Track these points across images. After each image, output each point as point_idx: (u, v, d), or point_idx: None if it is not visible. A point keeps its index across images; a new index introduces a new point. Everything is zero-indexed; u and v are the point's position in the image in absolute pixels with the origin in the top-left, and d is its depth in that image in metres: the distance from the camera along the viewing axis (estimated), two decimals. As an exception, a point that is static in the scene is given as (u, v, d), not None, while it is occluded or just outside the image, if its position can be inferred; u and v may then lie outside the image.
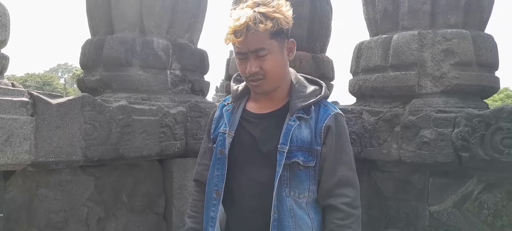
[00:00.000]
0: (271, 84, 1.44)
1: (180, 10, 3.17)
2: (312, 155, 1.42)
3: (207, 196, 1.54)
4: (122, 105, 2.40)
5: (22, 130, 1.91)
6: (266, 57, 1.37)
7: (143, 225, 2.73)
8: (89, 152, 2.21)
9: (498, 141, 2.12)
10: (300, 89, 1.49)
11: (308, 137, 1.42)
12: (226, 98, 1.65)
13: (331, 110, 1.48)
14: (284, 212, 1.39)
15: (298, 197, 1.42)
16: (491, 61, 2.63)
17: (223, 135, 1.50)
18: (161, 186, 2.87)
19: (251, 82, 1.43)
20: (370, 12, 3.01)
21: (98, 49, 3.00)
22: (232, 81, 1.66)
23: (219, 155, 1.50)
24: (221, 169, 1.49)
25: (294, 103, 1.45)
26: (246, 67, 1.39)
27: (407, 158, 2.45)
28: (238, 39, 1.33)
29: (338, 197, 1.41)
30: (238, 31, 1.32)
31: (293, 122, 1.42)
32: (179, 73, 3.18)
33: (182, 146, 2.81)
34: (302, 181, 1.43)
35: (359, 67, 2.95)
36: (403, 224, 2.57)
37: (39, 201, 2.16)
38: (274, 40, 1.37)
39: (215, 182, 1.50)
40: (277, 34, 1.37)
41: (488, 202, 2.26)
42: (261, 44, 1.35)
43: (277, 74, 1.43)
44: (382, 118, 2.57)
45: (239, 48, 1.37)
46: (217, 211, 1.47)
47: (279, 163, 1.39)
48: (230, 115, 1.53)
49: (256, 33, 1.32)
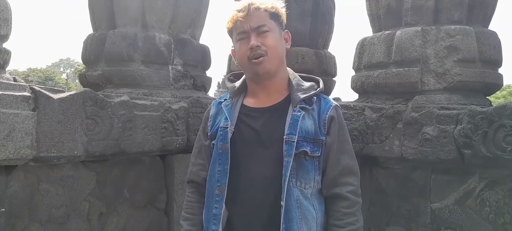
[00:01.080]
0: (273, 63, 1.46)
1: (182, 5, 3.16)
2: (317, 145, 1.44)
3: (208, 194, 1.52)
4: (124, 100, 2.39)
5: (24, 124, 1.91)
6: (267, 35, 1.43)
7: (145, 220, 2.73)
8: (91, 147, 2.21)
9: (500, 138, 2.11)
10: (299, 83, 1.52)
11: (312, 128, 1.44)
12: (221, 96, 1.65)
13: (331, 102, 1.53)
14: (292, 203, 1.39)
15: (304, 188, 1.43)
16: (494, 58, 2.61)
17: (225, 129, 1.48)
18: (162, 181, 2.88)
19: (253, 60, 1.44)
20: (373, 8, 2.99)
21: (100, 44, 2.99)
22: (226, 80, 1.68)
23: (221, 150, 1.48)
24: (223, 164, 1.47)
25: (296, 95, 1.47)
26: (247, 46, 1.44)
27: (409, 155, 2.44)
28: (241, 14, 1.41)
29: (343, 185, 1.45)
30: (240, 9, 1.42)
31: (298, 113, 1.44)
32: (181, 69, 3.17)
33: (183, 141, 2.80)
34: (308, 171, 1.44)
35: (362, 63, 2.94)
36: (404, 221, 2.56)
37: (40, 196, 2.17)
38: (273, 21, 1.46)
39: (217, 178, 1.48)
40: (275, 16, 1.47)
41: (490, 200, 2.25)
42: (262, 21, 1.43)
43: (278, 53, 1.48)
44: (385, 114, 2.56)
45: (240, 27, 1.44)
46: (220, 208, 1.45)
47: (289, 153, 1.39)
48: (230, 110, 1.53)
49: (257, 10, 1.42)
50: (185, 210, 1.63)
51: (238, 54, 1.49)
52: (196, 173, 1.63)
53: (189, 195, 1.65)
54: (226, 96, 1.61)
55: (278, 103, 1.51)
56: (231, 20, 1.45)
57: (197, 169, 1.63)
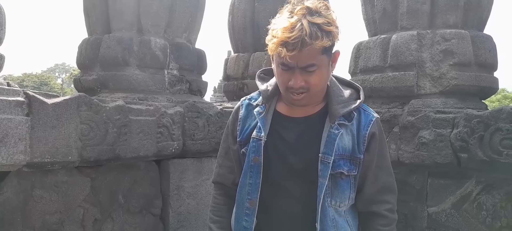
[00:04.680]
0: (314, 98, 1.34)
1: (178, 10, 3.15)
2: (354, 163, 1.35)
3: (238, 204, 1.45)
4: (119, 105, 2.38)
5: (17, 130, 1.88)
6: (314, 72, 1.25)
7: (140, 226, 2.70)
8: (85, 152, 2.19)
9: (497, 142, 2.11)
10: (338, 93, 1.38)
11: (350, 145, 1.34)
12: (251, 97, 1.51)
13: (372, 115, 1.40)
14: (327, 223, 1.33)
15: (339, 206, 1.36)
16: (490, 61, 2.62)
17: (258, 141, 1.38)
18: (158, 187, 2.85)
19: (293, 95, 1.30)
20: (369, 12, 3.00)
21: (95, 48, 2.97)
22: (257, 79, 1.51)
23: (253, 162, 1.39)
24: (255, 177, 1.39)
25: (334, 109, 1.34)
26: (288, 79, 1.27)
27: (406, 159, 2.44)
28: (289, 54, 1.18)
29: (381, 203, 1.39)
30: (291, 44, 1.16)
31: (336, 131, 1.33)
32: (176, 73, 3.16)
33: (179, 146, 2.79)
34: (344, 190, 1.36)
35: (358, 67, 2.93)
36: (401, 225, 2.55)
37: (34, 202, 2.14)
38: (325, 55, 1.24)
39: (247, 190, 1.40)
40: (329, 50, 1.25)
41: (487, 203, 2.25)
42: (312, 60, 1.21)
43: (321, 88, 1.33)
44: (381, 118, 2.56)
45: (285, 60, 1.22)
46: (251, 222, 1.39)
47: (324, 174, 1.31)
48: (264, 120, 1.41)
49: (310, 49, 1.18)
50: (213, 212, 1.55)
51: (278, 79, 1.33)
52: (223, 175, 1.55)
53: (217, 197, 1.57)
54: (256, 98, 1.48)
55: (314, 114, 1.39)
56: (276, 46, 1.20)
57: (225, 171, 1.54)
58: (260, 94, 1.46)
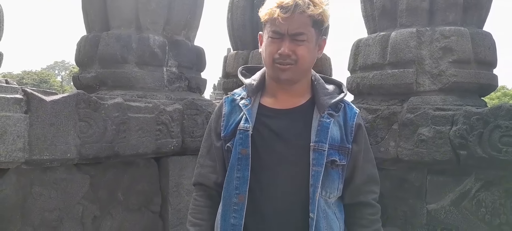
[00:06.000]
0: (298, 73, 1.35)
1: (177, 7, 3.15)
2: (343, 153, 1.37)
3: (225, 202, 1.40)
4: (118, 102, 2.37)
5: (16, 127, 1.88)
6: (303, 44, 1.29)
7: (139, 224, 2.70)
8: (84, 149, 2.19)
9: (496, 139, 2.11)
10: (323, 86, 1.43)
11: (338, 135, 1.37)
12: (234, 93, 1.51)
13: (355, 109, 1.45)
14: (319, 213, 1.33)
15: (328, 197, 1.37)
16: (489, 59, 2.62)
17: (245, 132, 1.36)
18: (157, 184, 2.85)
19: (278, 65, 1.32)
20: (368, 9, 2.99)
21: (94, 46, 2.97)
22: (240, 75, 1.52)
23: (240, 155, 1.36)
24: (243, 170, 1.36)
25: (322, 99, 1.38)
26: (277, 48, 1.30)
27: (405, 156, 2.44)
28: (283, 15, 1.24)
29: (368, 193, 1.45)
30: (285, 7, 1.24)
31: (327, 119, 1.35)
32: (175, 71, 3.15)
33: (178, 143, 2.78)
34: (334, 180, 1.37)
35: (357, 64, 2.93)
36: (400, 222, 2.56)
37: (33, 199, 2.14)
38: (314, 29, 1.30)
39: (235, 185, 1.36)
40: (318, 24, 1.30)
41: (486, 200, 2.25)
42: (302, 29, 1.27)
43: (307, 64, 1.35)
44: (380, 115, 2.56)
45: (277, 27, 1.28)
46: (240, 218, 1.35)
47: (319, 162, 1.30)
48: (250, 111, 1.40)
49: (302, 14, 1.25)
50: (193, 214, 1.50)
51: (265, 51, 1.35)
52: (204, 175, 1.51)
53: (197, 199, 1.52)
54: (240, 93, 1.48)
55: (300, 106, 1.40)
56: (270, 13, 1.27)
57: (207, 171, 1.50)
58: (243, 90, 1.47)
